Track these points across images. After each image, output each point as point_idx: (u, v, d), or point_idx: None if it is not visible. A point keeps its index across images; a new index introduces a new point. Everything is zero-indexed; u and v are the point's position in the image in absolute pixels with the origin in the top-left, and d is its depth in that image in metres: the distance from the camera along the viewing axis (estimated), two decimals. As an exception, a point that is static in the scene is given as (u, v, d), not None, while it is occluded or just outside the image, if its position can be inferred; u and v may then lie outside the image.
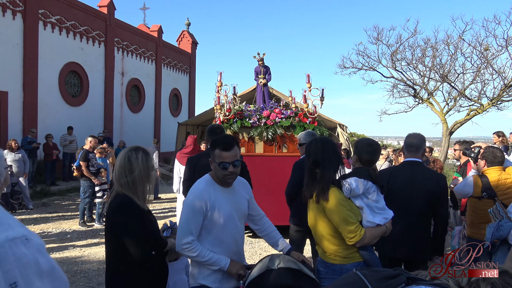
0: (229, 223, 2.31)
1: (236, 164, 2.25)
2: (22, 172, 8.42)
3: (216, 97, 6.54)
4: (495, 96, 15.33)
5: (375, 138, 37.52)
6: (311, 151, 2.46)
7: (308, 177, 2.50)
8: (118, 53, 16.53)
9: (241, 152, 6.17)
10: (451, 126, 16.81)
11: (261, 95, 7.25)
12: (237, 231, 2.38)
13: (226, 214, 2.29)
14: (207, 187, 2.31)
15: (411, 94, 17.66)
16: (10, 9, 11.37)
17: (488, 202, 3.34)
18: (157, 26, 19.97)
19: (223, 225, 2.28)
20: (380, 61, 17.31)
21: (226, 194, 2.34)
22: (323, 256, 2.50)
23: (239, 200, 2.41)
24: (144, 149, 2.31)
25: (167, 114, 20.86)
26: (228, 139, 2.30)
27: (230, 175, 2.26)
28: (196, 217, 2.24)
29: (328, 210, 2.36)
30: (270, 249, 5.97)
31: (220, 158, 2.22)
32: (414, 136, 3.24)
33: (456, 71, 16.17)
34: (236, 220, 2.36)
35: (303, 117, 6.40)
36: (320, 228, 2.46)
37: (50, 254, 5.97)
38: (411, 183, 3.10)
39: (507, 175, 3.37)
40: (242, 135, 6.43)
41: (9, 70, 11.33)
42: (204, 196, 2.25)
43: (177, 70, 22.00)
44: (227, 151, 2.22)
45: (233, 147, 2.25)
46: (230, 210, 2.32)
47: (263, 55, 7.17)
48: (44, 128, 12.09)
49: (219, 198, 2.29)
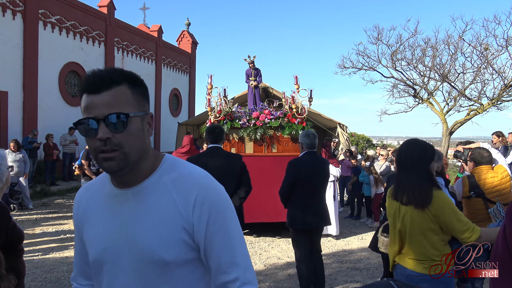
0: (109, 270, 1.12)
1: (114, 123, 1.01)
2: (22, 172, 8.42)
3: (207, 99, 6.76)
4: (495, 96, 15.34)
5: (375, 138, 37.52)
6: (408, 154, 2.32)
7: (406, 181, 2.29)
8: (118, 53, 16.53)
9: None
10: (451, 126, 16.81)
11: (252, 97, 7.55)
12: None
13: (98, 249, 1.13)
14: (87, 189, 1.24)
15: (411, 94, 17.67)
16: (10, 9, 11.37)
17: (477, 201, 3.41)
18: (157, 26, 19.97)
19: (98, 272, 1.16)
20: (380, 61, 17.33)
21: (116, 203, 1.12)
22: (420, 269, 2.25)
23: (144, 223, 1.08)
24: None
25: (167, 114, 20.85)
26: (102, 72, 1.05)
27: (104, 148, 1.01)
28: (76, 243, 1.28)
29: (440, 213, 2.18)
30: (270, 249, 5.97)
31: (83, 111, 1.04)
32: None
33: (456, 71, 16.19)
34: (128, 269, 1.10)
35: (292, 117, 6.54)
36: (429, 236, 2.23)
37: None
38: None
39: (495, 173, 3.45)
40: (233, 136, 6.58)
41: (9, 70, 11.33)
42: (77, 208, 1.23)
43: (177, 70, 22.00)
44: (94, 93, 1.02)
45: (109, 87, 1.02)
46: (110, 241, 1.11)
47: (254, 57, 7.52)
48: (44, 128, 12.09)
49: (95, 212, 1.16)
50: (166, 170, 1.13)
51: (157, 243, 1.06)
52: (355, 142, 19.38)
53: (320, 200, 3.92)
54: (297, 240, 3.89)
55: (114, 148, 1.02)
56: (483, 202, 3.36)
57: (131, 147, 1.04)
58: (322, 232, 4.12)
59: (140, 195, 1.10)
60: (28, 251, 5.44)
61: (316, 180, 3.84)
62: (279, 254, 5.75)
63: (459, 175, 5.48)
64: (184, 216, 1.07)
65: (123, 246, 1.09)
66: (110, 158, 1.02)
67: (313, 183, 3.81)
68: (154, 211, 1.08)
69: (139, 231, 1.08)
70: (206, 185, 1.11)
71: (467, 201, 3.54)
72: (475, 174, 3.51)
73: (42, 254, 5.66)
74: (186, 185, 1.09)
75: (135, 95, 1.07)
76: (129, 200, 1.10)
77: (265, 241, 6.41)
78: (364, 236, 6.94)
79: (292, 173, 3.78)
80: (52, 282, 4.63)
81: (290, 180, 3.76)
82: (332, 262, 5.44)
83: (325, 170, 3.95)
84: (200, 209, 1.07)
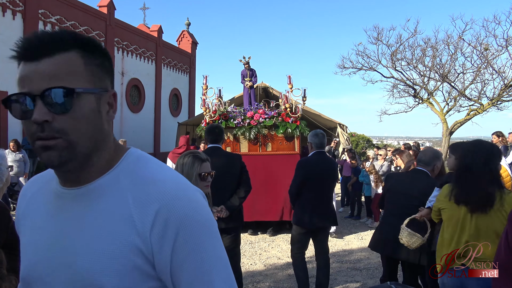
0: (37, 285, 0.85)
1: (55, 101, 0.75)
2: (22, 172, 8.42)
3: (202, 100, 6.93)
4: (495, 96, 15.34)
5: (375, 138, 37.49)
6: (476, 155, 2.24)
7: (474, 184, 2.22)
8: (118, 53, 16.52)
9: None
10: (451, 126, 16.81)
11: (248, 97, 7.78)
12: None
13: (29, 261, 0.88)
14: (35, 182, 0.99)
15: (411, 94, 17.67)
16: (10, 9, 11.37)
17: None
18: (157, 26, 19.96)
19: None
20: (380, 61, 17.33)
21: (58, 206, 0.86)
22: None
23: (87, 237, 0.80)
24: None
25: (167, 114, 20.85)
26: (44, 34, 0.80)
27: (41, 134, 0.77)
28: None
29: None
30: (270, 249, 5.98)
31: (17, 85, 0.85)
32: (424, 152, 3.49)
33: (456, 71, 16.20)
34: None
35: (286, 116, 6.61)
36: (494, 239, 2.15)
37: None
38: (407, 187, 3.24)
39: None
40: (228, 135, 6.64)
41: (9, 70, 11.33)
42: (19, 203, 0.99)
43: (177, 70, 21.99)
44: (31, 60, 0.80)
45: (51, 53, 0.78)
46: (43, 255, 0.85)
47: (249, 58, 7.72)
48: (44, 128, 12.10)
49: (36, 213, 0.91)
50: (127, 168, 0.85)
51: (100, 266, 0.77)
52: (355, 142, 19.39)
53: (327, 200, 3.94)
54: (298, 239, 3.90)
55: (54, 135, 0.75)
56: None
57: (79, 134, 0.77)
58: (328, 233, 4.13)
59: (88, 198, 0.82)
60: (28, 251, 5.44)
61: (324, 181, 3.86)
62: (279, 254, 5.75)
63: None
64: (140, 233, 0.78)
65: (58, 264, 0.81)
66: (49, 146, 0.76)
67: (321, 183, 3.83)
68: (102, 222, 0.79)
69: (79, 247, 0.80)
70: (173, 194, 0.80)
71: None
72: None
73: (42, 254, 5.66)
74: (147, 192, 0.80)
75: (89, 66, 0.80)
76: (73, 204, 0.83)
77: (265, 241, 6.41)
78: (364, 236, 6.94)
79: (301, 173, 3.79)
80: (52, 282, 4.63)
81: (299, 180, 3.77)
82: (332, 262, 5.44)
83: (333, 171, 3.99)
84: (162, 227, 0.77)
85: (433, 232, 2.97)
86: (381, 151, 8.34)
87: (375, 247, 3.46)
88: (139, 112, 18.30)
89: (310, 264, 4.52)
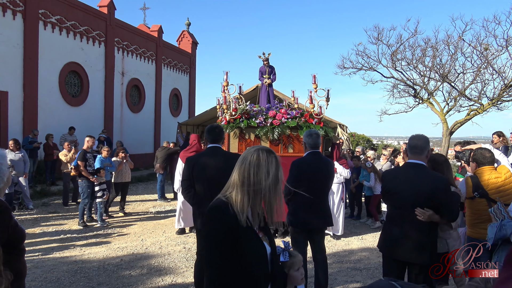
0: None
1: None
2: (22, 172, 8.42)
3: (222, 96, 6.56)
4: (495, 96, 15.34)
5: (375, 138, 37.45)
6: None
7: None
8: (118, 53, 16.52)
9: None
10: (451, 126, 16.81)
11: (266, 95, 7.25)
12: None
13: None
14: None
15: (411, 94, 17.67)
16: (10, 9, 11.37)
17: (481, 201, 3.38)
18: (157, 26, 19.96)
19: None
20: (380, 61, 17.33)
21: None
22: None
23: None
24: None
25: (167, 114, 20.85)
26: None
27: None
28: None
29: None
30: (270, 249, 5.97)
31: None
32: (418, 137, 3.17)
33: (456, 71, 16.19)
34: None
35: (309, 117, 6.40)
36: None
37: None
38: (412, 185, 3.03)
39: (498, 174, 3.43)
40: (249, 135, 6.45)
41: (9, 70, 11.33)
42: None
43: (177, 70, 21.99)
44: None
45: None
46: None
47: (269, 55, 7.23)
48: (44, 128, 12.09)
49: None
50: None
51: None
52: (355, 142, 19.37)
53: (323, 200, 3.89)
54: (295, 239, 3.89)
55: None
56: (486, 203, 3.33)
57: None
58: (324, 233, 4.11)
59: None
60: (28, 251, 5.43)
61: (319, 181, 3.83)
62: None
63: (457, 175, 5.47)
64: None
65: None
66: None
67: (316, 183, 3.80)
68: None
69: None
70: None
71: (470, 202, 3.51)
72: (478, 174, 3.49)
73: (42, 254, 5.65)
74: None
75: None
76: None
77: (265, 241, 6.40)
78: (364, 236, 6.93)
79: (294, 173, 3.77)
80: (52, 282, 4.63)
81: (293, 180, 3.75)
82: (332, 262, 5.43)
83: (328, 171, 3.91)
84: None
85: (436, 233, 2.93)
86: (385, 151, 8.36)
87: (383, 247, 3.27)
88: (139, 112, 18.30)
89: (310, 264, 4.51)
